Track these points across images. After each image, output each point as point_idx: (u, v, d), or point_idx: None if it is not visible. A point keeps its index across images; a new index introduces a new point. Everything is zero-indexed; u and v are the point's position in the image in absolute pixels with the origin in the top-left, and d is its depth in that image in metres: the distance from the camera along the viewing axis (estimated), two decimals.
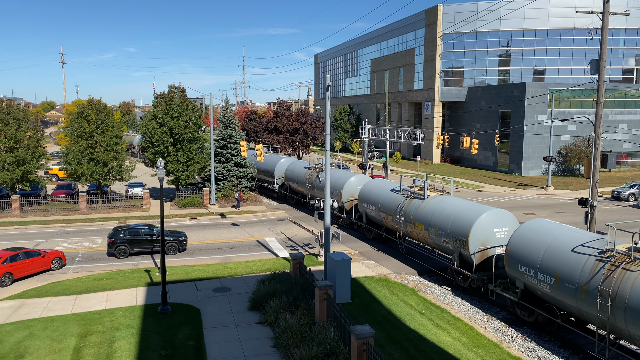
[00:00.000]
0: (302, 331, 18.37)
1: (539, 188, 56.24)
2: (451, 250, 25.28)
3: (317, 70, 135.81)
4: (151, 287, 25.01)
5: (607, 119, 65.25)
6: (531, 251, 19.91)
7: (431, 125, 79.71)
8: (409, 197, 29.16)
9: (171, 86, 49.14)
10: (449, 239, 25.04)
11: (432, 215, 26.46)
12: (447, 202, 26.51)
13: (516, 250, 20.75)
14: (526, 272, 20.08)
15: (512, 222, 24.00)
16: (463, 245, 24.01)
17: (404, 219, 28.84)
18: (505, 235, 23.61)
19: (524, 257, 20.18)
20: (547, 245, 19.35)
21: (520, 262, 20.36)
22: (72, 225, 39.59)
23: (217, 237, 35.92)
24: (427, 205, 27.31)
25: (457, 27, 74.99)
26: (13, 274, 26.03)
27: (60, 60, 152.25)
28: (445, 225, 25.28)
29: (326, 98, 23.80)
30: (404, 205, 29.11)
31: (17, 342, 18.82)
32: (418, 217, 27.57)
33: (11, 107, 45.68)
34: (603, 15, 26.32)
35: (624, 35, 72.75)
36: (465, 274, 24.30)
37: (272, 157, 52.43)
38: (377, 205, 32.03)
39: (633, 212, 43.62)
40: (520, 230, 21.27)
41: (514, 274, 20.99)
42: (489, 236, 23.69)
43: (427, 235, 26.89)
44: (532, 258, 19.74)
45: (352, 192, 36.88)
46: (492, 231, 23.68)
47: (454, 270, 25.29)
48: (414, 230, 28.03)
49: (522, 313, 21.22)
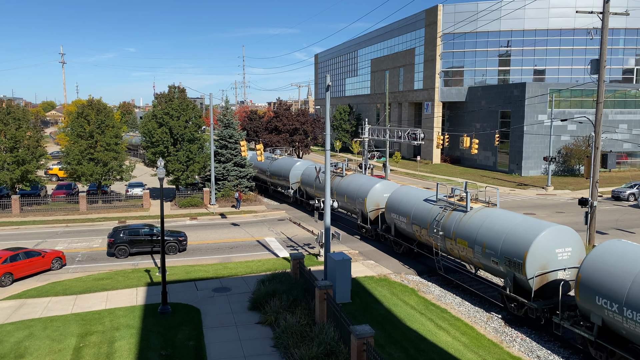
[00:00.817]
0: (302, 331, 18.37)
1: (539, 188, 56.24)
2: (502, 272, 21.89)
3: (317, 70, 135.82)
4: (151, 287, 25.01)
5: (607, 119, 65.26)
6: (613, 280, 16.76)
7: (431, 125, 79.71)
8: (447, 209, 25.84)
9: (171, 86, 49.18)
10: (499, 260, 21.66)
11: (477, 231, 23.10)
12: (495, 216, 23.18)
13: (592, 278, 17.43)
14: (606, 306, 16.82)
15: (576, 241, 20.81)
16: (518, 268, 20.59)
17: (442, 233, 25.41)
18: (568, 257, 20.49)
19: (603, 287, 16.96)
20: (636, 275, 16.24)
21: (598, 293, 17.09)
22: (72, 225, 39.59)
23: (217, 237, 35.93)
24: (471, 219, 23.93)
25: (457, 27, 75.00)
26: (13, 274, 26.03)
27: (60, 60, 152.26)
28: (495, 243, 21.95)
29: (326, 98, 23.80)
30: (442, 218, 25.71)
31: (17, 342, 18.82)
32: (460, 233, 24.18)
33: (11, 107, 45.71)
34: (603, 15, 26.33)
35: (624, 35, 72.75)
36: (521, 301, 20.84)
37: (286, 160, 49.49)
38: (408, 216, 28.59)
39: (633, 212, 43.62)
40: (597, 253, 18.01)
41: (589, 306, 17.60)
42: (550, 258, 20.35)
43: (471, 254, 23.55)
44: (615, 289, 16.54)
45: (377, 200, 33.79)
46: (553, 252, 20.37)
47: (505, 296, 21.94)
48: (455, 247, 24.70)
49: (599, 354, 17.68)
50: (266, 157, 52.06)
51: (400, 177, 64.62)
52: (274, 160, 50.94)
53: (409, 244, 29.95)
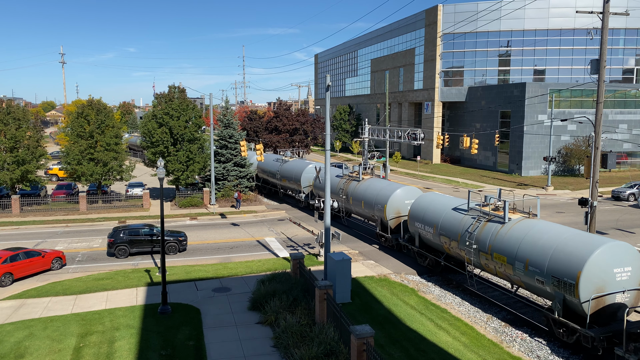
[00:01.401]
0: (302, 331, 18.37)
1: (539, 188, 56.23)
2: (548, 293, 19.48)
3: (317, 70, 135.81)
4: (151, 287, 25.01)
5: (607, 119, 65.26)
6: None
7: (431, 125, 79.71)
8: (481, 220, 23.32)
9: (171, 86, 49.19)
10: (546, 280, 19.21)
11: (518, 246, 20.68)
12: (539, 229, 20.69)
13: None
14: None
15: (636, 260, 18.64)
16: (569, 290, 18.23)
17: (476, 247, 22.93)
18: (628, 277, 18.29)
19: None
20: None
21: None
22: (72, 225, 39.59)
23: (217, 237, 35.92)
24: (511, 232, 21.46)
25: (457, 27, 74.99)
26: (13, 274, 26.04)
27: (60, 60, 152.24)
28: (540, 260, 19.53)
29: (326, 98, 23.80)
30: (476, 229, 23.16)
31: (17, 342, 18.83)
32: (498, 247, 21.73)
33: (11, 107, 45.71)
34: (603, 15, 26.32)
35: (624, 35, 72.75)
36: (572, 327, 18.36)
37: (297, 162, 46.59)
38: (435, 226, 26.06)
39: (633, 212, 43.62)
40: None
41: None
42: (608, 279, 18.09)
43: (510, 271, 21.11)
44: None
45: (398, 207, 31.45)
46: (611, 272, 18.11)
47: (552, 320, 19.45)
48: (491, 263, 22.30)
49: None
50: (276, 159, 50.33)
51: (400, 177, 64.57)
52: (284, 162, 48.60)
53: (435, 257, 27.15)
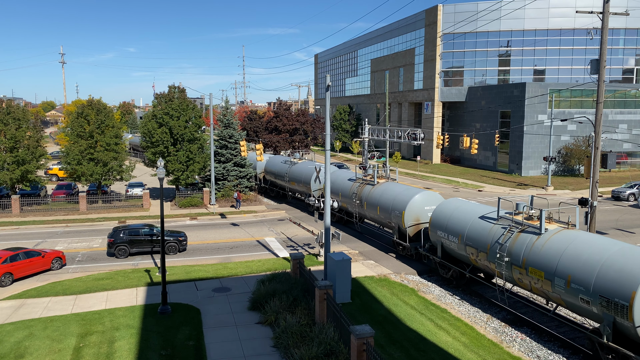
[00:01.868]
0: (302, 331, 18.37)
1: (539, 188, 56.23)
2: (595, 315, 17.46)
3: (317, 70, 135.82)
4: (151, 287, 25.01)
5: (607, 119, 65.25)
6: None
7: (431, 125, 79.70)
8: (513, 229, 21.46)
9: (171, 86, 49.18)
10: (592, 299, 17.21)
11: (558, 260, 18.71)
12: (582, 241, 18.78)
13: None
14: None
15: None
16: (621, 312, 16.24)
17: (508, 259, 20.96)
18: None
19: None
20: None
21: None
22: (72, 225, 39.59)
23: (217, 237, 35.92)
24: (548, 244, 19.49)
25: (457, 27, 74.99)
26: (13, 274, 26.03)
27: (60, 60, 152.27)
28: (585, 277, 17.47)
29: (326, 98, 23.79)
30: (508, 240, 21.25)
31: (17, 342, 18.83)
32: (533, 261, 19.76)
33: (11, 107, 45.71)
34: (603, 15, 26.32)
35: (624, 35, 72.74)
36: (624, 353, 16.56)
37: (307, 164, 44.39)
38: (460, 236, 24.17)
39: (633, 212, 43.61)
40: None
41: None
42: None
43: (548, 288, 19.15)
44: None
45: (417, 214, 29.53)
46: None
47: (598, 344, 17.58)
48: (525, 278, 20.31)
49: None
50: (284, 161, 48.58)
51: (400, 177, 64.50)
52: (293, 164, 46.50)
53: (460, 269, 25.15)
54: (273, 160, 50.94)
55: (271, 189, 51.97)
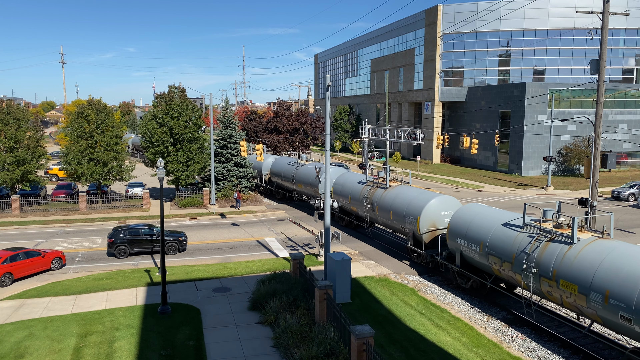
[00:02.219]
0: (302, 331, 18.37)
1: (539, 188, 56.24)
2: (638, 334, 16.07)
3: (317, 70, 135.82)
4: (151, 287, 25.01)
5: (607, 119, 65.25)
6: None
7: (431, 125, 79.71)
8: (542, 239, 19.96)
9: (171, 86, 49.20)
10: (634, 317, 15.74)
11: (594, 273, 17.20)
12: (619, 253, 17.22)
13: None
14: None
15: None
16: None
17: (535, 271, 19.51)
18: None
19: None
20: None
21: None
22: (72, 225, 39.59)
23: (217, 237, 35.92)
24: (582, 255, 18.01)
25: (457, 27, 75.00)
26: (13, 274, 26.03)
27: (60, 60, 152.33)
28: (626, 292, 16.06)
29: (326, 98, 23.79)
30: (536, 250, 19.80)
31: (17, 342, 18.82)
32: (565, 273, 18.32)
33: (11, 107, 45.72)
34: (603, 15, 26.33)
35: (624, 35, 72.75)
36: None
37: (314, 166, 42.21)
38: (482, 244, 22.70)
39: (633, 212, 43.62)
40: None
41: None
42: None
43: (583, 303, 17.71)
44: None
45: (433, 219, 28.06)
46: None
47: None
48: (556, 291, 18.88)
49: None
50: (290, 162, 47.29)
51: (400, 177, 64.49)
52: (299, 166, 45.02)
53: (480, 279, 23.82)
54: (279, 162, 49.81)
55: (277, 191, 50.76)
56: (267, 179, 51.56)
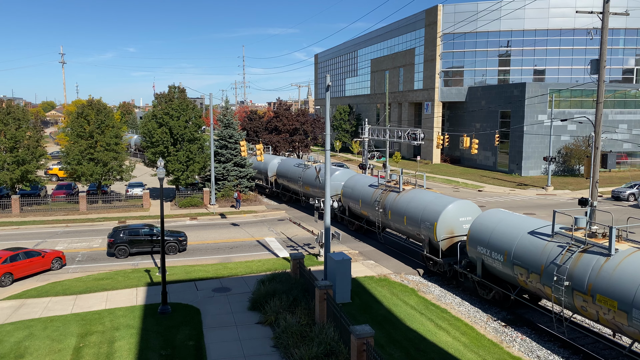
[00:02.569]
0: (302, 331, 18.37)
1: (539, 188, 56.24)
2: None
3: (317, 70, 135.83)
4: (151, 287, 25.01)
5: (607, 119, 65.25)
6: None
7: (431, 125, 79.71)
8: (573, 249, 18.56)
9: (171, 86, 49.23)
10: None
11: (637, 289, 15.83)
12: None
13: None
14: None
15: None
16: None
17: (568, 284, 18.10)
18: None
19: None
20: None
21: None
22: (72, 225, 39.59)
23: (217, 237, 35.93)
24: (622, 268, 16.59)
25: (457, 27, 75.00)
26: (13, 274, 26.04)
27: (60, 60, 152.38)
28: None
29: (326, 98, 23.78)
30: (568, 261, 18.35)
31: (17, 342, 18.83)
32: (602, 287, 16.86)
33: (11, 107, 45.74)
34: (603, 15, 26.32)
35: (624, 35, 72.76)
36: None
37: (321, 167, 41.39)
38: (505, 253, 21.28)
39: (633, 212, 43.61)
40: None
41: None
42: None
43: (623, 321, 16.26)
44: None
45: (451, 225, 26.37)
46: None
47: None
48: (592, 307, 17.42)
49: None
50: (297, 164, 46.35)
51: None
52: (306, 167, 43.95)
53: (503, 289, 22.45)
54: (285, 164, 48.80)
55: (283, 194, 49.48)
56: (273, 180, 50.59)
